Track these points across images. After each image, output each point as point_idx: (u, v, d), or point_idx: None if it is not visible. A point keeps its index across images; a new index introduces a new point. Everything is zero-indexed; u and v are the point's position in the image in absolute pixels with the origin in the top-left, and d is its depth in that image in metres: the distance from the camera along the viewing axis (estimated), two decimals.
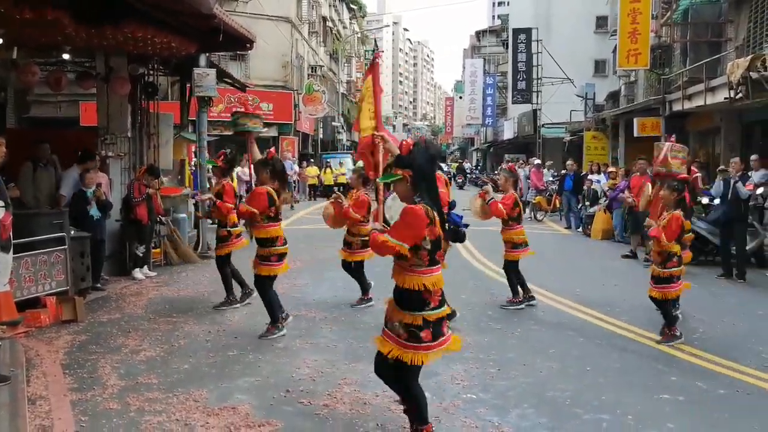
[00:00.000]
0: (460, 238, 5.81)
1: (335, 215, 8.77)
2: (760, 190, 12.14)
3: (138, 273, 11.02)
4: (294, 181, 26.24)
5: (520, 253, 9.17)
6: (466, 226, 6.19)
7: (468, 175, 47.13)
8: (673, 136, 8.33)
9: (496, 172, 42.41)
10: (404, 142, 4.65)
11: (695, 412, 5.58)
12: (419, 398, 4.62)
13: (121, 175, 12.09)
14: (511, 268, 9.24)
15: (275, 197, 7.58)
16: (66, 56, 11.84)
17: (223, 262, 9.08)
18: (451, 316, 7.44)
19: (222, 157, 9.36)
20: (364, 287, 9.16)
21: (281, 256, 7.58)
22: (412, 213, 4.36)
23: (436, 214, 4.43)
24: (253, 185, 8.40)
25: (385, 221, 6.16)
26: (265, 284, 7.58)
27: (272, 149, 7.88)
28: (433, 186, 4.54)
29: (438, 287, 4.48)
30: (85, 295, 9.23)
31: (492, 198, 8.80)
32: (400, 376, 4.60)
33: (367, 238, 8.35)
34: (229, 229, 8.98)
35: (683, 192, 7.72)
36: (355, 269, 9.12)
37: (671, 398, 5.89)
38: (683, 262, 7.79)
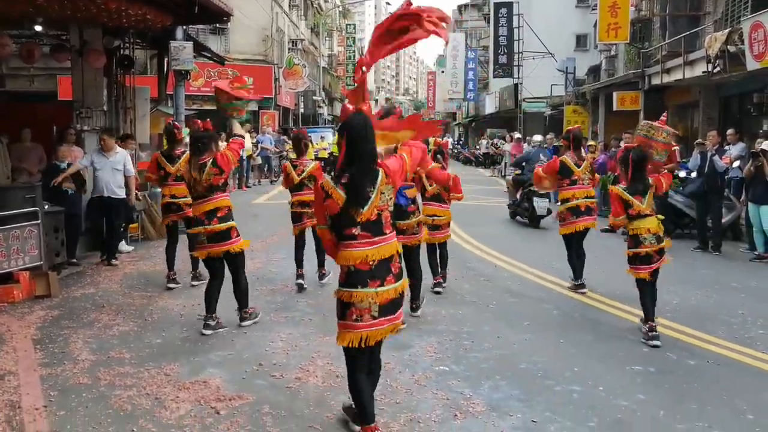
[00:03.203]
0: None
1: None
2: (736, 164, 12.21)
3: (124, 246, 10.96)
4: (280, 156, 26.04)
5: None
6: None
7: (450, 150, 47.15)
8: (665, 114, 7.92)
9: (476, 147, 42.50)
10: (344, 106, 4.43)
11: (666, 383, 5.63)
12: (353, 393, 4.36)
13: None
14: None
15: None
16: (38, 28, 11.63)
17: (168, 232, 9.08)
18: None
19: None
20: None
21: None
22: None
23: (336, 185, 4.13)
24: None
25: None
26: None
27: (197, 120, 7.41)
28: (357, 155, 4.13)
29: (349, 263, 4.17)
30: (60, 270, 9.16)
31: None
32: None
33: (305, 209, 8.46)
34: (169, 199, 8.88)
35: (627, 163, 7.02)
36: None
37: (642, 369, 5.94)
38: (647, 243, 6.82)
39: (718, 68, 14.80)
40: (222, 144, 7.66)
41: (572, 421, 4.84)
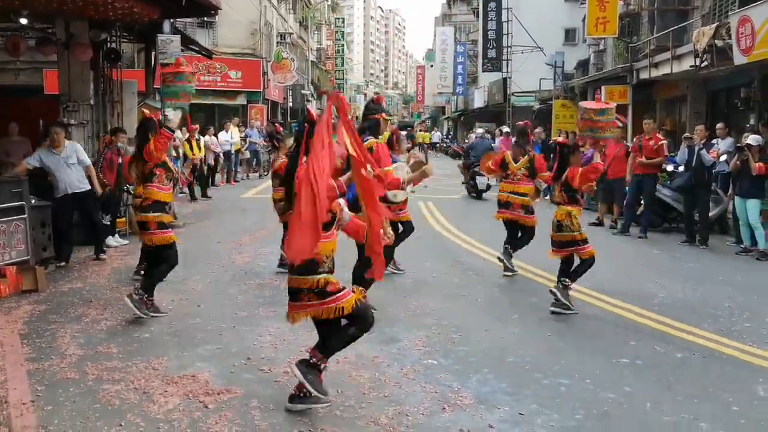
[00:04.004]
0: None
1: None
2: (723, 158, 12.27)
3: (111, 240, 10.91)
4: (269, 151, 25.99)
5: None
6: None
7: (435, 144, 47.75)
8: (597, 93, 8.24)
9: (466, 141, 42.53)
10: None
11: (652, 375, 5.67)
12: None
13: (84, 143, 11.86)
14: None
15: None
16: (24, 21, 11.53)
17: None
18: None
19: None
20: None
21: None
22: None
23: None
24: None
25: None
26: None
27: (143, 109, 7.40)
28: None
29: None
30: (47, 265, 9.11)
31: None
32: None
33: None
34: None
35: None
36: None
37: (629, 362, 5.97)
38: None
39: (705, 63, 14.86)
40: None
41: (559, 413, 4.87)
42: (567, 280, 7.43)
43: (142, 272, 8.04)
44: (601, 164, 7.46)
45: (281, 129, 9.52)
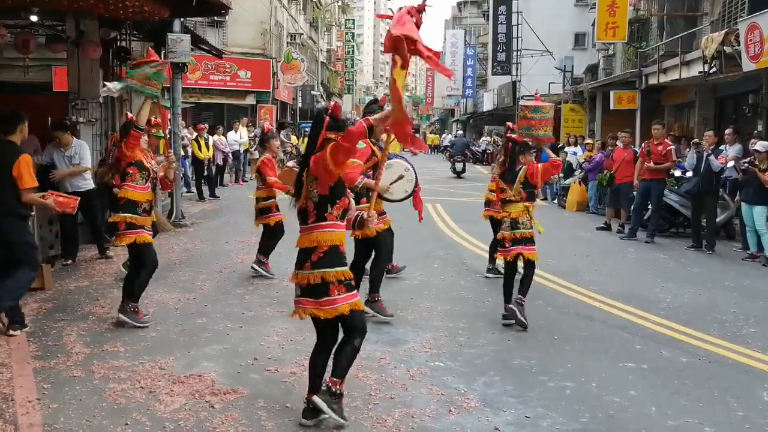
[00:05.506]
0: None
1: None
2: (730, 164, 12.24)
3: None
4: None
5: None
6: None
7: (447, 147, 47.61)
8: (536, 92, 8.30)
9: (473, 143, 42.52)
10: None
11: (657, 380, 5.66)
12: None
13: (92, 142, 11.91)
14: None
15: None
16: (34, 18, 11.56)
17: None
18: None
19: None
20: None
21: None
22: None
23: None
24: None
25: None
26: None
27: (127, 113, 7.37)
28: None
29: None
30: (54, 263, 9.14)
31: None
32: None
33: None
34: None
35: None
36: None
37: (635, 366, 5.97)
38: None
39: (714, 69, 14.84)
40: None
41: (565, 416, 4.87)
42: (522, 297, 7.11)
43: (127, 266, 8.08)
44: (559, 160, 7.48)
45: (270, 129, 9.61)
